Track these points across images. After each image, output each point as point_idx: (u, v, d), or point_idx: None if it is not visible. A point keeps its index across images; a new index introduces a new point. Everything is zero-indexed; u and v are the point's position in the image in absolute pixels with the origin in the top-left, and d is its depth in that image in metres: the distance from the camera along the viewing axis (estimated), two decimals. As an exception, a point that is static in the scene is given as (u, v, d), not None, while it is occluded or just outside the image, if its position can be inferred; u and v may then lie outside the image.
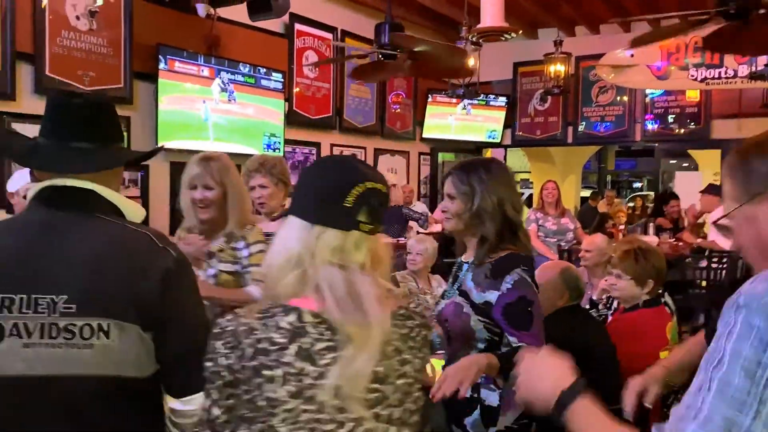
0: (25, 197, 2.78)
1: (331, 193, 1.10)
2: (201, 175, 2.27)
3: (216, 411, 1.04)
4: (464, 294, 1.90)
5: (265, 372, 1.01)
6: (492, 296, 1.82)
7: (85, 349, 1.20)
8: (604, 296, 3.18)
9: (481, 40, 4.82)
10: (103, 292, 1.22)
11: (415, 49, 3.45)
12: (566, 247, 5.38)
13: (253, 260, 2.25)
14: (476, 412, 1.88)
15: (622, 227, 7.38)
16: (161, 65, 4.58)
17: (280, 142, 5.57)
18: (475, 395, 1.87)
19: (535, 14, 6.86)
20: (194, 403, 1.32)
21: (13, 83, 3.82)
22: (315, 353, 1.02)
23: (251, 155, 3.30)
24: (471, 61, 5.05)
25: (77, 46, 4.14)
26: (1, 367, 1.20)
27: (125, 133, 4.46)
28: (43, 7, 3.92)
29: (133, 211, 1.39)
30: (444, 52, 3.67)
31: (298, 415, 1.00)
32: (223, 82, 5.07)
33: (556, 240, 5.49)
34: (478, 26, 4.47)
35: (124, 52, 4.40)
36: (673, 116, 7.04)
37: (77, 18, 4.15)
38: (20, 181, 2.98)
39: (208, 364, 1.05)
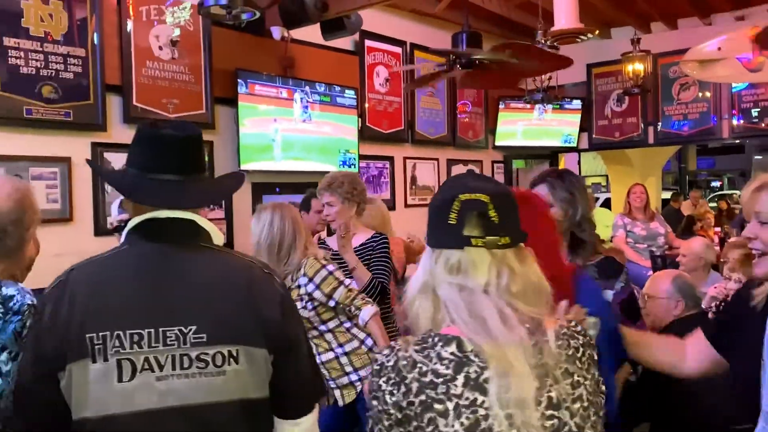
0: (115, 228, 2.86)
1: (438, 213, 1.10)
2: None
3: None
4: None
5: (437, 406, 0.98)
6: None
7: (218, 377, 1.22)
8: (713, 303, 2.98)
9: (556, 44, 4.71)
10: (229, 320, 1.24)
11: (501, 58, 3.36)
12: (658, 253, 5.13)
13: (325, 288, 2.39)
14: None
15: (717, 229, 7.00)
16: (241, 89, 4.67)
17: (354, 158, 5.59)
18: None
19: (609, 13, 6.66)
20: (305, 425, 1.36)
21: (104, 115, 3.97)
22: (483, 382, 0.99)
23: (328, 172, 3.43)
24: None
25: (161, 76, 4.28)
26: (136, 403, 1.20)
27: (208, 158, 4.57)
28: (128, 31, 4.08)
29: (219, 238, 1.41)
30: (531, 57, 3.55)
31: None
32: (301, 101, 5.13)
33: (646, 246, 5.25)
34: (553, 29, 4.36)
35: (204, 79, 4.52)
36: (758, 110, 6.66)
37: (160, 48, 4.28)
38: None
39: (374, 403, 1.03)
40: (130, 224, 1.33)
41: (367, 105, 5.85)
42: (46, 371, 1.23)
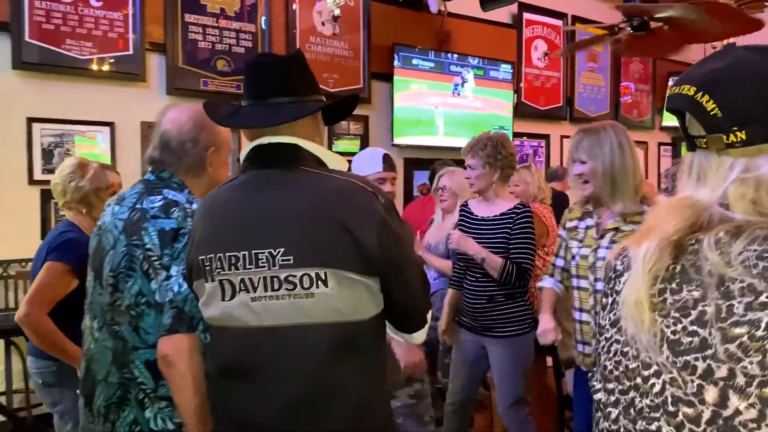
0: None
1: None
2: (573, 148, 2.29)
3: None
4: None
5: (604, 300, 0.97)
6: None
7: (307, 299, 1.21)
8: None
9: (743, 8, 4.24)
10: (317, 242, 1.21)
11: (660, 15, 3.07)
12: None
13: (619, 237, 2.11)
14: None
15: None
16: (396, 64, 4.72)
17: (509, 135, 5.43)
18: None
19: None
20: (419, 337, 1.38)
21: (270, 87, 4.18)
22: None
23: None
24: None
25: (323, 51, 4.42)
26: (236, 320, 1.26)
27: (364, 131, 4.66)
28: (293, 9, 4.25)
29: (337, 163, 1.36)
30: (716, 17, 3.20)
31: (611, 344, 0.92)
32: (454, 76, 5.08)
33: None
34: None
35: (362, 54, 4.61)
36: None
37: (322, 24, 4.43)
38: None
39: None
40: (242, 153, 1.37)
41: (524, 80, 5.67)
42: (189, 283, 1.40)
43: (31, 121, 3.47)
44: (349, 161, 1.47)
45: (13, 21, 3.34)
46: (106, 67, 3.63)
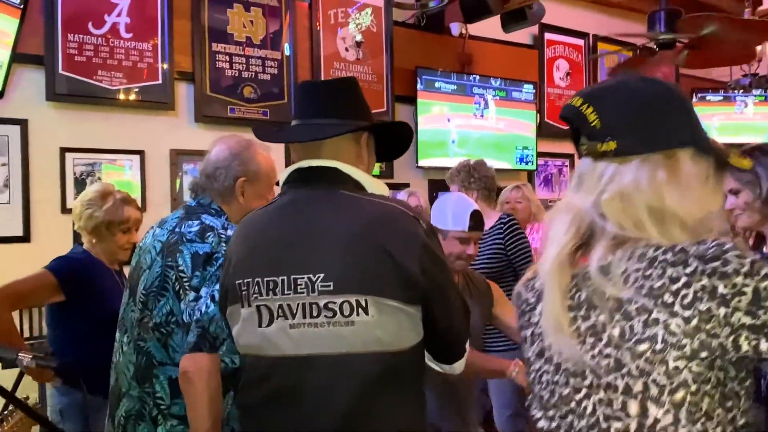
0: None
1: None
2: None
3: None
4: None
5: (523, 332, 1.03)
6: None
7: (347, 327, 1.17)
8: None
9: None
10: (358, 268, 1.18)
11: (703, 33, 3.07)
12: None
13: None
14: None
15: None
16: (419, 87, 4.74)
17: (532, 155, 5.43)
18: None
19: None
20: (457, 368, 1.35)
21: (295, 113, 4.23)
22: None
23: (505, 170, 3.40)
24: (759, 46, 4.42)
25: (347, 75, 4.46)
26: (278, 347, 1.22)
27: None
28: (319, 54, 4.31)
29: (377, 189, 1.34)
30: (736, 30, 3.21)
31: (542, 375, 0.98)
32: (475, 97, 5.09)
33: None
34: (762, 7, 3.91)
35: (386, 78, 4.65)
36: None
37: (346, 50, 4.48)
38: None
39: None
40: (281, 176, 1.37)
41: (546, 100, 5.67)
42: (222, 308, 1.38)
43: (64, 150, 3.54)
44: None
45: (47, 54, 3.43)
46: (135, 97, 3.70)
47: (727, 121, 6.78)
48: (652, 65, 3.81)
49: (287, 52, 4.19)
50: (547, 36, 5.67)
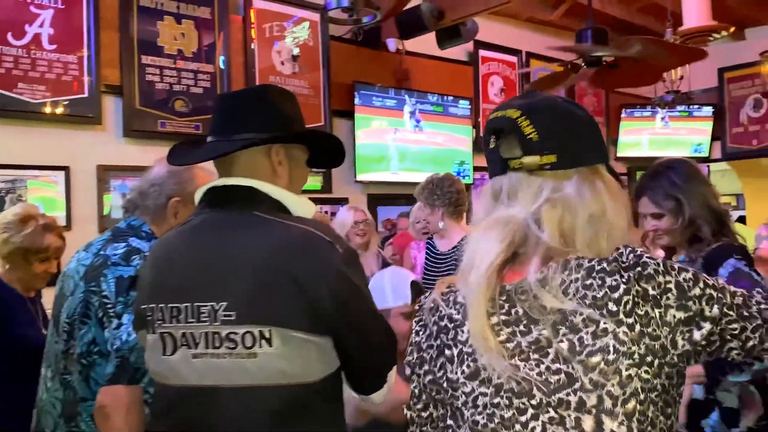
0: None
1: (485, 142, 0.99)
2: None
3: (413, 387, 1.02)
4: None
5: (446, 351, 0.95)
6: None
7: (249, 359, 1.10)
8: None
9: (688, 43, 4.41)
10: (263, 297, 1.11)
11: (629, 53, 3.18)
12: (813, 267, 4.61)
13: None
14: (715, 415, 1.80)
15: None
16: (356, 101, 4.74)
17: (469, 169, 5.50)
18: (711, 397, 1.80)
19: (742, 12, 6.18)
20: (376, 398, 1.26)
21: (230, 127, 4.15)
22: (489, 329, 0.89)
23: None
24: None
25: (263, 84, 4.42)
26: (178, 377, 1.16)
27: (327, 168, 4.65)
28: (252, 48, 4.26)
29: (303, 208, 1.26)
30: (660, 52, 3.34)
31: (476, 398, 0.90)
32: (412, 112, 5.13)
33: (797, 259, 4.73)
34: (683, 28, 4.08)
35: (323, 92, 4.63)
36: None
37: (282, 63, 4.44)
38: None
39: (409, 339, 1.02)
40: (197, 194, 1.28)
41: (481, 116, 5.76)
42: (136, 331, 1.31)
43: (-20, 167, 3.35)
44: (313, 199, 1.36)
45: (-39, 65, 3.25)
46: (60, 110, 3.54)
47: (655, 135, 7.07)
48: (579, 81, 3.92)
49: (222, 66, 4.12)
50: (482, 53, 5.78)
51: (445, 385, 0.93)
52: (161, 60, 3.87)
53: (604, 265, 0.85)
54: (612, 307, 0.83)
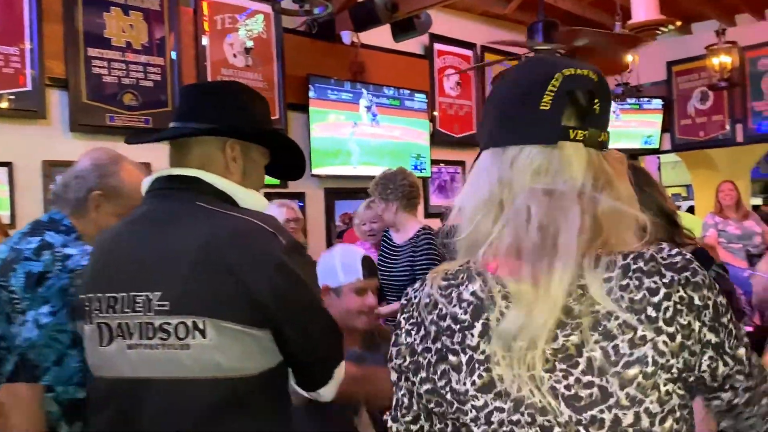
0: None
1: (521, 100, 0.81)
2: None
3: (400, 395, 0.87)
4: None
5: (451, 357, 0.79)
6: None
7: (182, 350, 1.08)
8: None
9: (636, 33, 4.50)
10: (198, 288, 1.09)
11: (577, 44, 3.23)
12: (755, 252, 4.79)
13: None
14: None
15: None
16: (311, 94, 4.70)
17: (426, 163, 5.52)
18: None
19: (689, 7, 6.35)
20: (324, 394, 1.23)
21: (182, 121, 4.07)
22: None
23: None
24: (629, 57, 4.72)
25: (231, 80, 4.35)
26: (113, 369, 1.14)
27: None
28: (204, 45, 4.18)
29: (252, 200, 1.24)
30: (607, 42, 3.40)
31: (490, 414, 0.76)
32: (368, 106, 5.12)
33: (741, 246, 4.91)
34: (631, 21, 4.17)
35: (277, 85, 4.57)
36: None
37: (234, 56, 4.37)
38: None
39: (393, 338, 0.87)
40: (145, 183, 1.27)
41: (437, 109, 5.79)
42: (75, 322, 1.31)
43: None
44: (269, 194, 1.32)
45: None
46: (2, 105, 3.42)
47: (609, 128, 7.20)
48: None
49: (173, 58, 4.03)
50: (437, 46, 5.80)
51: (449, 397, 0.80)
52: (109, 53, 3.76)
53: (641, 264, 0.75)
54: (651, 312, 0.73)
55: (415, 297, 0.86)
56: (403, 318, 0.87)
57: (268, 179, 1.40)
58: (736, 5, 6.49)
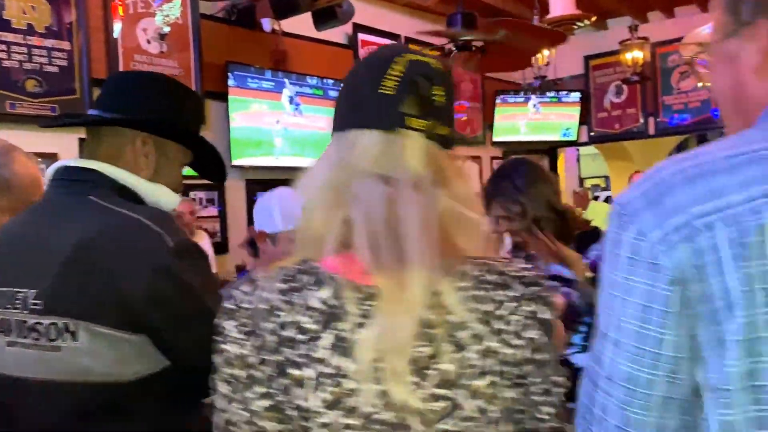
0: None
1: (363, 82, 0.78)
2: None
3: (222, 406, 0.78)
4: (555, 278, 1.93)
5: (294, 372, 0.72)
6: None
7: (53, 352, 1.03)
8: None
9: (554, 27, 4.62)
10: (72, 289, 1.04)
11: (498, 36, 3.27)
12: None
13: None
14: None
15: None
16: (231, 83, 4.58)
17: (351, 154, 5.49)
18: None
19: (605, 3, 6.58)
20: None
21: (90, 106, 3.87)
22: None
23: None
24: (546, 52, 4.84)
25: (150, 70, 4.18)
26: None
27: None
28: (114, 37, 3.99)
29: (160, 197, 1.19)
30: (527, 35, 3.46)
31: (338, 431, 0.72)
32: (291, 95, 5.04)
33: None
34: (549, 16, 4.27)
35: (194, 73, 4.43)
36: None
37: (148, 42, 4.20)
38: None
39: (217, 347, 0.78)
40: (47, 173, 1.21)
41: (362, 100, 5.77)
42: None
43: None
44: (188, 185, 1.23)
45: None
46: None
47: (528, 120, 7.40)
48: (454, 66, 4.01)
49: (81, 43, 3.83)
50: (361, 36, 5.77)
51: (295, 414, 0.72)
52: (8, 35, 3.53)
53: (492, 276, 0.75)
54: (498, 325, 0.72)
55: (247, 301, 0.77)
56: (232, 325, 0.77)
57: (188, 170, 1.34)
58: (648, 3, 6.78)
